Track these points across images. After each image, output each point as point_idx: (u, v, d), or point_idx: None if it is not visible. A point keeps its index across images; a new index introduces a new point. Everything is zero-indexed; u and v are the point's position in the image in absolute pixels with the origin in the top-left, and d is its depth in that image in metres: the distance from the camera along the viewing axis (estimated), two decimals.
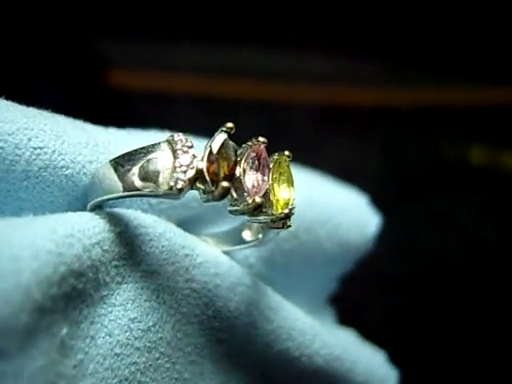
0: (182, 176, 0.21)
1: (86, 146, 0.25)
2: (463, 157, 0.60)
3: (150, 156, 0.22)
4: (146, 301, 0.24)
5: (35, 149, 0.23)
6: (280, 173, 0.24)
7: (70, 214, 0.23)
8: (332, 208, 0.33)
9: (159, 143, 0.22)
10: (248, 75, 0.59)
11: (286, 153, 0.25)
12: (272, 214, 0.24)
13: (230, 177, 0.23)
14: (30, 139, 0.23)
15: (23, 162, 0.23)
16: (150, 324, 0.24)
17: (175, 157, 0.22)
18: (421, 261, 0.59)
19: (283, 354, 0.28)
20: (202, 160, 0.22)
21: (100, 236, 0.23)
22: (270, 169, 0.24)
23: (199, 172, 0.22)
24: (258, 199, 0.23)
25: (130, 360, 0.23)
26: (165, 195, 0.22)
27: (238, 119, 0.28)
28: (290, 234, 0.31)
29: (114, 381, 0.23)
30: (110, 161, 0.23)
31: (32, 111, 0.25)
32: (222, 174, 0.22)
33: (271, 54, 0.61)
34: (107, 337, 0.23)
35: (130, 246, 0.24)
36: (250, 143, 0.24)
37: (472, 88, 0.64)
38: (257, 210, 0.23)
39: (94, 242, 0.22)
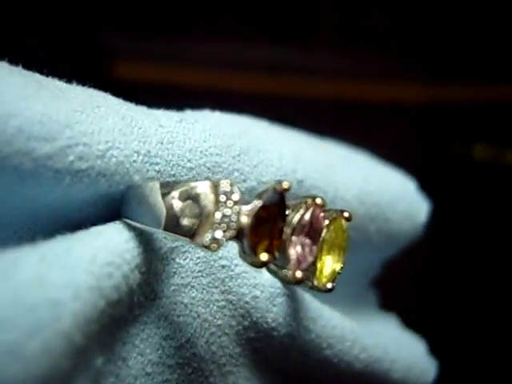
0: (219, 235, 0.20)
1: (133, 132, 0.23)
2: (467, 153, 0.60)
3: (193, 193, 0.20)
4: (178, 316, 0.23)
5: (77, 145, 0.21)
6: (333, 238, 0.22)
7: (108, 230, 0.21)
8: (383, 201, 0.31)
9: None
10: (256, 69, 0.58)
11: (346, 214, 0.23)
12: (313, 286, 0.23)
13: (272, 248, 0.21)
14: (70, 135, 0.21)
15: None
16: (183, 341, 0.23)
17: (217, 207, 0.20)
18: (423, 256, 0.60)
19: (321, 361, 0.27)
20: (246, 217, 0.20)
21: (139, 259, 0.21)
22: (321, 235, 0.22)
23: (240, 231, 0.20)
24: (299, 274, 0.21)
25: (162, 378, 0.23)
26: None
27: (247, 113, 0.27)
28: None
29: None
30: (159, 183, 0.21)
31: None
32: (264, 241, 0.21)
33: (281, 48, 0.59)
34: (139, 356, 0.22)
35: (164, 260, 0.23)
36: (303, 203, 0.21)
37: (477, 84, 0.63)
38: (296, 283, 0.22)
39: (133, 267, 0.21)
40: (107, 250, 0.20)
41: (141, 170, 0.22)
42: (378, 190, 0.31)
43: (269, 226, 0.21)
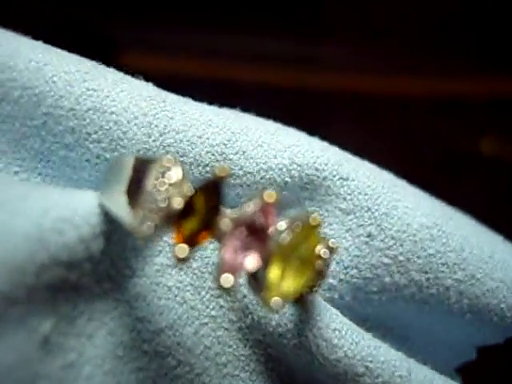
0: (149, 219, 0.17)
1: (146, 99, 0.23)
2: (474, 147, 0.57)
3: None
4: (160, 299, 0.21)
5: (88, 90, 0.22)
6: (297, 247, 0.18)
7: (86, 193, 0.20)
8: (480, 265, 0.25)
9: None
10: (261, 60, 0.56)
11: (314, 221, 0.18)
12: (260, 301, 0.18)
13: (196, 240, 0.17)
14: (85, 80, 0.22)
15: (72, 100, 0.21)
16: (163, 325, 0.21)
17: (155, 186, 0.18)
18: None
19: None
20: (177, 205, 0.17)
21: (109, 227, 0.20)
22: (270, 238, 0.18)
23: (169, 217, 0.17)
24: (225, 280, 0.17)
25: (137, 364, 0.20)
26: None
27: (251, 105, 0.25)
28: (411, 282, 0.24)
29: None
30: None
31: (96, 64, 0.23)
32: (189, 234, 0.17)
33: (285, 40, 0.58)
34: (108, 336, 0.20)
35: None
36: (253, 199, 0.18)
37: (485, 78, 0.59)
38: (223, 291, 0.17)
39: (98, 233, 0.19)
40: (66, 206, 0.19)
41: None
42: (477, 252, 0.26)
43: (199, 216, 0.18)
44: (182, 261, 0.17)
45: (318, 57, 0.58)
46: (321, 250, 0.20)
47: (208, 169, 0.23)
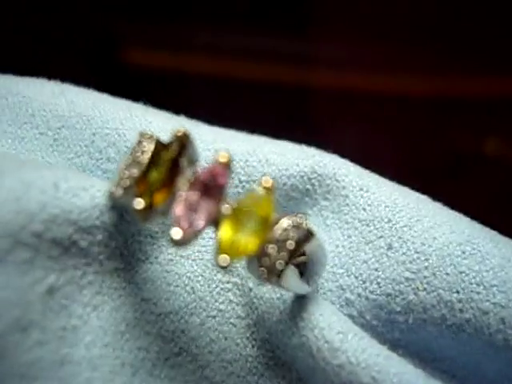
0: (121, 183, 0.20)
1: (177, 120, 0.25)
2: (478, 148, 0.54)
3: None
4: (169, 285, 0.22)
5: (131, 115, 0.25)
6: (249, 208, 0.19)
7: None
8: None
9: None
10: (264, 58, 0.56)
11: (266, 183, 0.19)
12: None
13: (155, 197, 0.19)
14: (129, 109, 0.25)
15: (117, 121, 0.25)
16: (168, 310, 0.21)
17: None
18: None
19: None
20: (136, 170, 0.20)
21: (123, 203, 0.21)
22: (223, 197, 0.19)
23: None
24: (175, 234, 0.18)
25: (138, 345, 0.21)
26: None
27: (253, 101, 0.26)
28: (440, 302, 0.22)
29: (116, 362, 0.20)
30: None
31: None
32: (149, 191, 0.19)
33: (288, 37, 0.57)
34: (113, 311, 0.21)
35: (165, 226, 0.22)
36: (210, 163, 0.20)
37: (490, 78, 0.56)
38: (178, 245, 0.18)
39: (112, 206, 0.21)
40: (85, 179, 0.21)
41: None
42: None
43: (161, 172, 0.19)
44: (139, 213, 0.18)
45: (317, 56, 0.58)
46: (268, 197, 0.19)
47: (233, 175, 0.24)
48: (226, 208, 0.18)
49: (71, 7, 0.53)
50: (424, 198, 0.24)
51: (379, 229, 0.23)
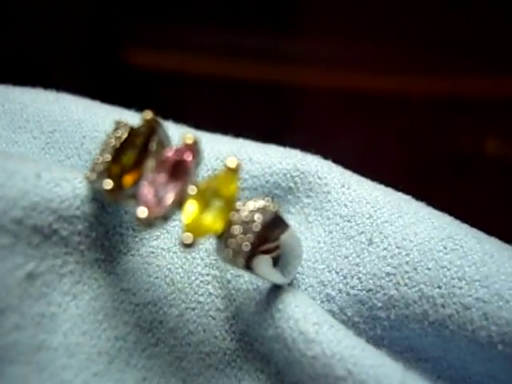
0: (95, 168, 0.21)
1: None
2: (478, 147, 0.54)
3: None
4: (149, 276, 0.22)
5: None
6: (214, 189, 0.19)
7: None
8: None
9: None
10: (263, 58, 0.55)
11: (231, 164, 0.19)
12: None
13: (125, 178, 0.20)
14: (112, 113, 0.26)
15: (107, 124, 0.25)
16: (147, 300, 0.22)
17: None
18: None
19: None
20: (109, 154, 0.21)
21: (98, 203, 0.22)
22: (189, 179, 0.19)
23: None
24: (141, 213, 0.18)
25: (116, 334, 0.21)
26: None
27: (251, 102, 0.26)
28: (421, 298, 0.22)
29: (93, 350, 0.21)
30: None
31: None
32: (119, 172, 0.20)
33: (286, 37, 0.57)
34: (92, 301, 0.21)
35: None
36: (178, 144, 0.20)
37: (490, 78, 0.57)
38: (144, 223, 0.19)
39: (93, 198, 0.22)
40: (67, 171, 0.21)
41: None
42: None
43: (128, 158, 0.20)
44: (108, 193, 0.20)
45: (313, 55, 0.58)
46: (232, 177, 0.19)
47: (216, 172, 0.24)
48: (191, 188, 0.19)
49: (73, 7, 0.54)
50: (406, 197, 0.24)
51: (360, 224, 0.23)
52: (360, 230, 0.23)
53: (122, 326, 0.21)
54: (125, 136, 0.20)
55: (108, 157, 0.20)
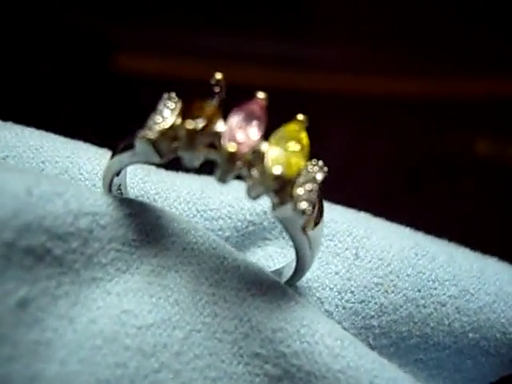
0: (155, 127, 0.19)
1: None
2: (469, 148, 0.56)
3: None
4: (151, 297, 0.20)
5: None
6: (289, 139, 0.19)
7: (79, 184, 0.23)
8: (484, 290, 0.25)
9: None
10: (258, 62, 0.57)
11: (300, 117, 0.20)
12: (260, 173, 0.19)
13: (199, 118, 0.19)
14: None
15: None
16: (149, 322, 0.20)
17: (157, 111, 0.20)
18: None
19: None
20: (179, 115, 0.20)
21: (97, 208, 0.20)
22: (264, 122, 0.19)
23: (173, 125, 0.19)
24: (231, 147, 0.18)
25: (116, 360, 0.20)
26: (140, 151, 0.19)
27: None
28: (406, 301, 0.24)
29: (91, 378, 0.19)
30: None
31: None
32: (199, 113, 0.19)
33: (281, 41, 0.59)
34: (91, 324, 0.20)
35: (143, 234, 0.21)
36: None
37: (480, 79, 0.59)
38: (232, 161, 0.18)
39: (86, 212, 0.20)
40: (59, 183, 0.20)
41: None
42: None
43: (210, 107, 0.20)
44: (188, 132, 0.19)
45: (315, 58, 0.59)
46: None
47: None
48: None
49: (63, 13, 0.53)
50: (369, 216, 0.27)
51: (342, 242, 0.25)
52: (344, 246, 0.25)
53: (123, 351, 0.20)
54: (180, 105, 0.20)
55: (172, 113, 0.19)
